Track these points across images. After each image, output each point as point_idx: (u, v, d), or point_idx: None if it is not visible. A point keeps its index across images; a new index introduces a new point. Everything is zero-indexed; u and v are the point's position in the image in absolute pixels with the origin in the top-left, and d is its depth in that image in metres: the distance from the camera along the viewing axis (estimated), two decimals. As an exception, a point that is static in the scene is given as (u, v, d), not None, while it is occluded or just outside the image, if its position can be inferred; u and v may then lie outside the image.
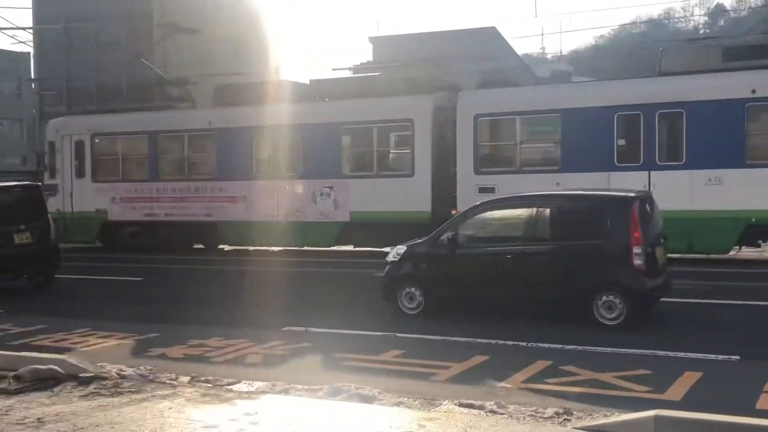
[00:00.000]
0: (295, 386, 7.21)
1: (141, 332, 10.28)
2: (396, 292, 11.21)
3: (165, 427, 6.01)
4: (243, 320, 11.09)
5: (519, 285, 10.45)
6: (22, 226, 14.35)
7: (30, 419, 6.26)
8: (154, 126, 21.55)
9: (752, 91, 15.49)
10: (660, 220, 10.88)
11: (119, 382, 7.40)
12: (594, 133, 16.55)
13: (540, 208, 10.81)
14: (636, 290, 9.91)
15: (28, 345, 9.48)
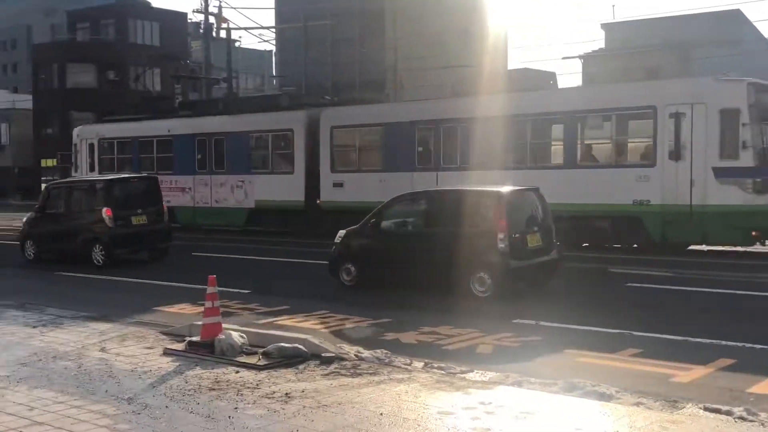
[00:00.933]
0: (529, 379, 7.13)
1: (375, 317, 10.65)
2: (338, 267, 13.50)
3: (402, 410, 6.17)
4: (471, 310, 11.15)
5: (420, 262, 12.60)
6: (139, 210, 17.86)
7: (278, 394, 6.67)
8: (132, 133, 27.90)
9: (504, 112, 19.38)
10: (541, 212, 12.81)
11: (357, 364, 7.70)
12: (403, 141, 20.86)
13: (438, 200, 13.33)
14: (500, 269, 11.75)
15: (273, 324, 10.12)
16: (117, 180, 18.83)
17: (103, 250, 17.14)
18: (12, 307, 11.46)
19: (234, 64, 47.88)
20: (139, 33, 58.51)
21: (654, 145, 17.21)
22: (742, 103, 16.34)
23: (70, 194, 18.61)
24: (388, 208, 13.49)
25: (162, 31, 58.86)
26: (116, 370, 7.55)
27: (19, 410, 6.26)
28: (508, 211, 11.99)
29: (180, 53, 58.00)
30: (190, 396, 6.64)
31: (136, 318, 10.63)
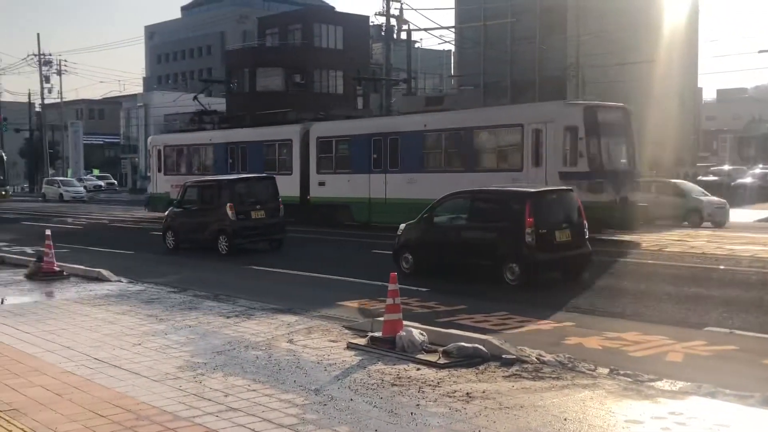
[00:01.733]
0: (723, 390, 6.73)
1: (557, 320, 10.44)
2: (399, 256, 15.36)
3: (587, 417, 6.01)
4: (658, 315, 10.70)
5: (463, 252, 14.39)
6: (257, 206, 20.21)
7: (459, 393, 6.68)
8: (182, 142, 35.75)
9: (424, 125, 25.18)
10: (572, 210, 14.29)
11: (539, 367, 7.57)
12: (364, 149, 26.81)
13: (479, 199, 14.90)
14: (527, 260, 13.31)
15: (452, 323, 10.14)
16: (239, 179, 21.17)
17: (227, 240, 19.41)
18: (208, 297, 12.17)
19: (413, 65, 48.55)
20: (324, 37, 60.50)
21: (521, 154, 22.02)
22: (579, 122, 20.78)
23: (201, 191, 20.93)
24: (439, 204, 15.28)
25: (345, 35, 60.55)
26: (303, 362, 7.84)
27: (215, 396, 6.63)
28: (536, 209, 13.51)
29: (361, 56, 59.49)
30: (373, 390, 6.78)
31: (320, 312, 11.00)
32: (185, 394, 6.69)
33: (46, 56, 69.32)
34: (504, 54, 49.61)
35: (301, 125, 29.81)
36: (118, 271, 15.04)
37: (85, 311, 10.96)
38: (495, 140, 23.30)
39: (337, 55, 59.15)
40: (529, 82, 49.28)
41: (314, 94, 57.45)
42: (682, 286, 13.29)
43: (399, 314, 8.52)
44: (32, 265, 14.90)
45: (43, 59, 68.52)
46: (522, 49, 48.96)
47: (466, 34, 52.08)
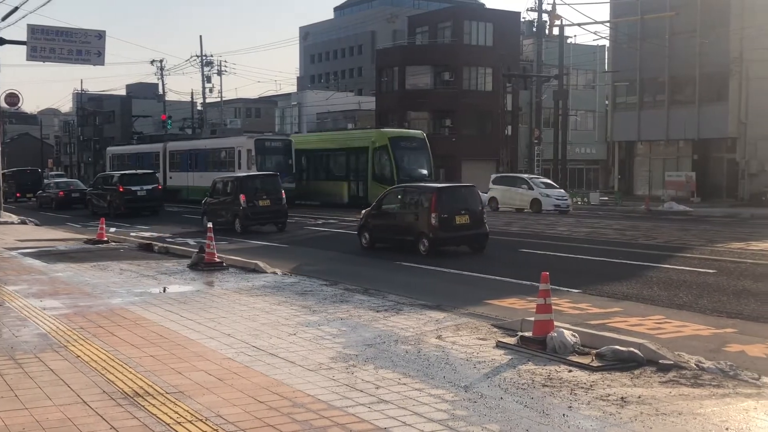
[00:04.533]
0: None
1: (717, 326, 9.97)
2: (360, 234, 20.40)
3: (751, 428, 5.73)
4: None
5: (398, 230, 19.46)
6: (264, 195, 25.88)
7: (613, 397, 6.51)
8: None
9: (196, 147, 47.63)
10: (473, 201, 19.38)
11: (698, 374, 7.26)
12: (185, 158, 47.24)
13: (408, 191, 20.30)
14: (432, 236, 18.25)
15: (605, 326, 9.88)
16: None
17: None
18: (358, 291, 12.43)
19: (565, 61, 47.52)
20: (473, 34, 60.29)
21: (234, 162, 41.29)
22: (251, 146, 39.81)
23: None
24: (385, 196, 20.48)
25: (495, 31, 60.10)
26: (452, 358, 7.87)
27: (366, 387, 6.77)
28: (440, 200, 18.37)
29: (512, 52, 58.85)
30: (524, 390, 6.71)
31: (468, 309, 10.99)
32: (338, 384, 6.87)
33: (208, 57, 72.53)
34: (662, 49, 47.68)
35: (163, 143, 51.04)
36: (273, 263, 15.59)
37: (244, 301, 11.45)
38: (219, 155, 43.71)
39: (486, 52, 58.79)
40: (689, 78, 47.18)
41: (463, 91, 57.39)
42: None
43: (550, 314, 8.40)
44: (195, 256, 15.72)
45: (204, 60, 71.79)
46: (681, 43, 46.93)
47: (621, 29, 50.46)
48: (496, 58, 56.87)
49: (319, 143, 44.24)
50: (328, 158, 42.87)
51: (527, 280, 13.56)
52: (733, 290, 12.89)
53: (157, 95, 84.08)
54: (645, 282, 13.96)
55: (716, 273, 14.95)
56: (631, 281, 14.05)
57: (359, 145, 39.54)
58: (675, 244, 20.65)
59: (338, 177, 41.30)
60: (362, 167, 39.17)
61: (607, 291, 13.06)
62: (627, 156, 53.36)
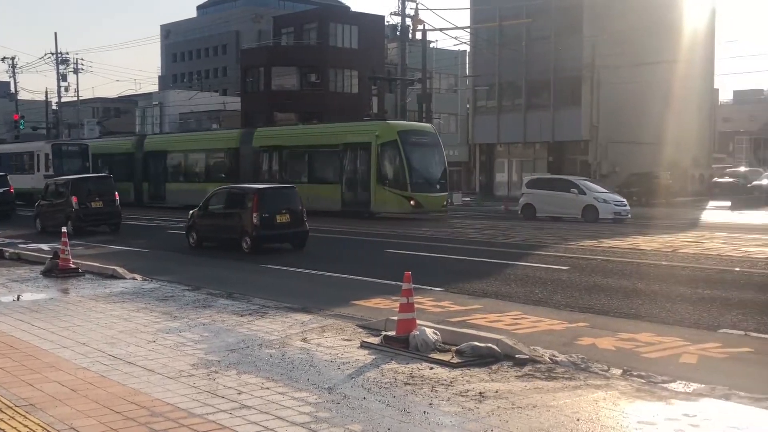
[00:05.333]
0: (738, 393, 6.71)
1: (570, 320, 10.42)
2: (188, 233, 21.20)
3: (600, 418, 6.00)
4: (672, 317, 10.65)
5: (222, 230, 20.60)
6: (96, 197, 26.08)
7: (472, 392, 6.69)
8: None
9: None
10: (292, 201, 20.12)
11: (552, 367, 7.57)
12: None
13: (231, 192, 21.20)
14: (253, 234, 19.16)
15: (466, 323, 10.14)
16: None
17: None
18: (221, 296, 12.23)
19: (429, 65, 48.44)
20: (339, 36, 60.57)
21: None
22: (48, 151, 42.25)
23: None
24: (211, 197, 21.31)
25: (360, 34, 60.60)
26: (317, 360, 7.87)
27: (228, 393, 6.67)
28: (261, 200, 19.28)
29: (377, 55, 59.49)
30: (387, 389, 6.79)
31: (334, 310, 11.03)
32: (199, 391, 6.73)
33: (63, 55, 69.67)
34: (519, 54, 49.43)
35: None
36: (133, 268, 15.13)
37: (100, 308, 11.04)
38: (22, 159, 45.30)
39: (352, 55, 59.20)
40: (545, 83, 49.15)
41: (329, 93, 57.56)
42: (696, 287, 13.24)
43: (413, 313, 8.54)
44: (48, 262, 15.01)
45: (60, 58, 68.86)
46: (537, 49, 48.80)
47: (481, 34, 51.94)
48: (362, 60, 57.39)
49: (294, 138, 36.96)
50: (309, 157, 35.48)
51: (393, 280, 13.72)
52: (585, 286, 13.51)
53: (9, 94, 79.88)
54: (504, 279, 14.43)
55: (570, 270, 15.63)
56: (491, 279, 14.48)
57: (356, 140, 32.48)
58: (532, 242, 21.44)
59: (326, 179, 34.10)
60: (363, 168, 32.07)
61: (468, 289, 13.40)
62: (487, 158, 55.00)
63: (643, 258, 17.52)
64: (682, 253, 18.17)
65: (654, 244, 20.17)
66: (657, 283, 13.75)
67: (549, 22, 47.84)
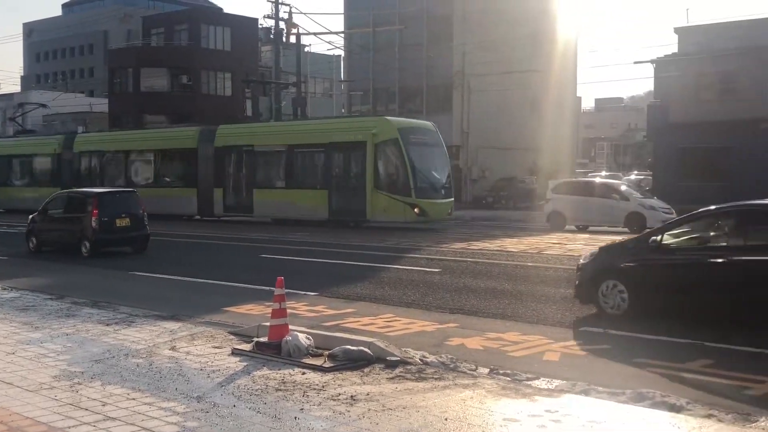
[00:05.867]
0: (596, 388, 7.03)
1: (441, 321, 10.64)
2: (28, 238, 21.40)
3: (467, 416, 6.15)
4: (537, 316, 11.05)
5: (61, 233, 20.73)
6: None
7: (344, 396, 6.72)
8: None
9: None
10: (133, 205, 20.48)
11: (422, 368, 7.70)
12: None
13: (69, 196, 21.54)
14: (93, 238, 19.36)
15: (339, 327, 10.19)
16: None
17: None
18: (86, 304, 11.79)
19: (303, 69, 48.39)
20: (211, 38, 59.53)
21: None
22: None
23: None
24: (49, 201, 21.34)
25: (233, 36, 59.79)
26: (186, 369, 7.71)
27: (92, 405, 6.44)
28: (101, 204, 19.58)
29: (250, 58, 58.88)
30: (257, 396, 6.74)
31: (205, 318, 10.83)
32: (61, 404, 6.47)
33: None
34: (393, 60, 50.09)
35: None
36: None
37: (-46, 320, 10.43)
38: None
39: (225, 57, 58.35)
40: (418, 89, 49.98)
41: (202, 95, 56.52)
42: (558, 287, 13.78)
43: (285, 319, 8.50)
44: None
45: None
46: (410, 56, 49.56)
47: (355, 40, 52.31)
48: (235, 63, 56.68)
49: (268, 137, 31.95)
50: (286, 158, 30.41)
51: (267, 286, 13.58)
52: (455, 287, 13.82)
53: None
54: (378, 282, 14.57)
55: (441, 272, 15.96)
56: (366, 282, 14.59)
57: (346, 139, 27.95)
58: (405, 245, 21.74)
59: (308, 184, 29.49)
60: (356, 171, 27.92)
61: (342, 293, 13.45)
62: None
63: (511, 260, 18.06)
64: (546, 255, 18.87)
65: (521, 246, 20.86)
66: (523, 284, 14.22)
67: (421, 30, 48.70)
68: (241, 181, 31.55)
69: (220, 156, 32.01)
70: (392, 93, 51.80)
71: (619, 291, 10.61)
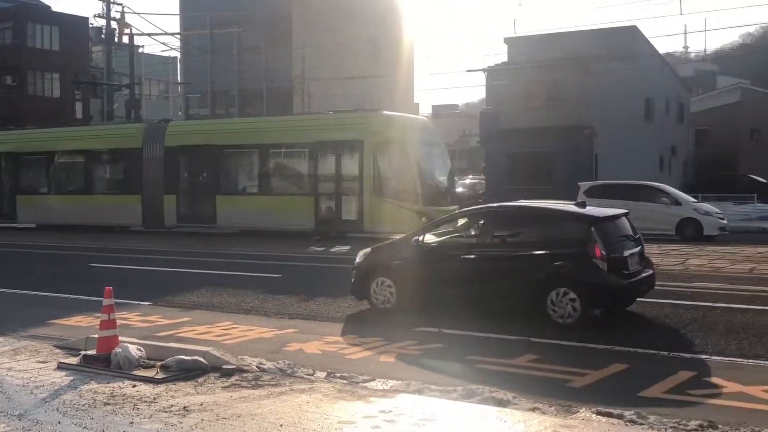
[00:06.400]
0: (429, 386, 7.22)
1: (279, 327, 10.58)
2: None
3: (303, 421, 6.15)
4: (376, 319, 11.21)
5: None
6: None
7: (176, 407, 6.55)
8: None
9: None
10: None
11: (259, 375, 7.64)
12: None
13: None
14: None
15: (174, 336, 9.93)
16: None
17: None
18: None
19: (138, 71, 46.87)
20: (38, 37, 56.44)
21: None
22: None
23: None
24: None
25: (62, 36, 56.99)
26: (7, 386, 7.27)
27: None
28: None
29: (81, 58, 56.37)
30: (84, 411, 6.45)
31: (29, 331, 10.27)
32: None
33: None
34: (231, 63, 49.42)
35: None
36: None
37: None
38: None
39: (53, 57, 55.49)
40: (257, 93, 49.55)
41: (28, 97, 53.53)
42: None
43: (114, 330, 8.19)
44: None
45: None
46: (249, 59, 49.06)
47: (192, 42, 51.21)
48: (64, 63, 54.07)
49: (237, 136, 27.16)
50: (261, 160, 26.30)
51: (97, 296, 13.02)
52: (295, 292, 13.78)
53: None
54: (216, 290, 14.29)
55: (281, 277, 15.90)
56: (203, 290, 14.29)
57: (337, 137, 24.26)
58: (247, 252, 21.45)
59: (289, 190, 25.60)
60: (350, 173, 24.05)
61: (178, 302, 13.12)
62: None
63: (349, 264, 18.22)
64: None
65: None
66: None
67: (260, 33, 48.33)
68: (200, 186, 27.31)
69: (173, 157, 27.38)
70: (232, 96, 51.07)
71: (387, 286, 11.64)
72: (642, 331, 10.22)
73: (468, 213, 12.42)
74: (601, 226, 10.68)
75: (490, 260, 11.01)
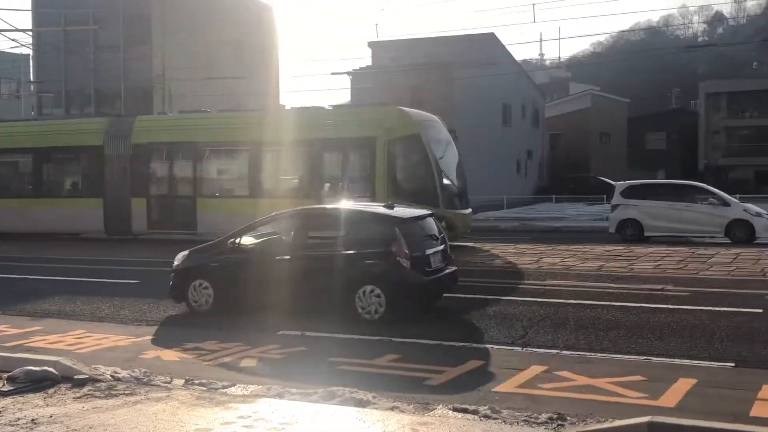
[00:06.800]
0: (290, 390, 7.20)
1: (137, 334, 10.28)
2: None
3: (158, 430, 6.00)
4: (238, 323, 11.07)
5: None
6: None
7: (23, 420, 6.25)
8: None
9: None
10: None
11: (113, 385, 7.39)
12: None
13: None
14: None
15: (23, 346, 9.47)
16: None
17: None
18: None
19: (-16, 67, 44.37)
20: None
21: None
22: None
23: None
24: None
25: None
26: None
27: None
28: None
29: None
30: None
31: None
32: None
33: None
34: (87, 62, 47.60)
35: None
36: None
37: None
38: None
39: None
40: (115, 92, 47.93)
41: None
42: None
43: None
44: None
45: None
46: (107, 57, 47.40)
47: (45, 39, 48.95)
48: None
49: (222, 132, 24.24)
50: (250, 159, 23.52)
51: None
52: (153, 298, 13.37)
53: None
54: (69, 297, 13.71)
55: (139, 283, 15.42)
56: (56, 297, 13.68)
57: (346, 134, 21.82)
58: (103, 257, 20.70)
59: (284, 193, 22.38)
60: (361, 174, 21.94)
61: (28, 310, 12.53)
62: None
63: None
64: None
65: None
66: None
67: (118, 31, 46.78)
68: (176, 188, 24.43)
69: (141, 156, 24.53)
70: (87, 95, 49.18)
71: (204, 288, 11.80)
72: (499, 328, 10.55)
73: (283, 215, 12.60)
74: (405, 226, 11.16)
75: (303, 261, 11.31)
